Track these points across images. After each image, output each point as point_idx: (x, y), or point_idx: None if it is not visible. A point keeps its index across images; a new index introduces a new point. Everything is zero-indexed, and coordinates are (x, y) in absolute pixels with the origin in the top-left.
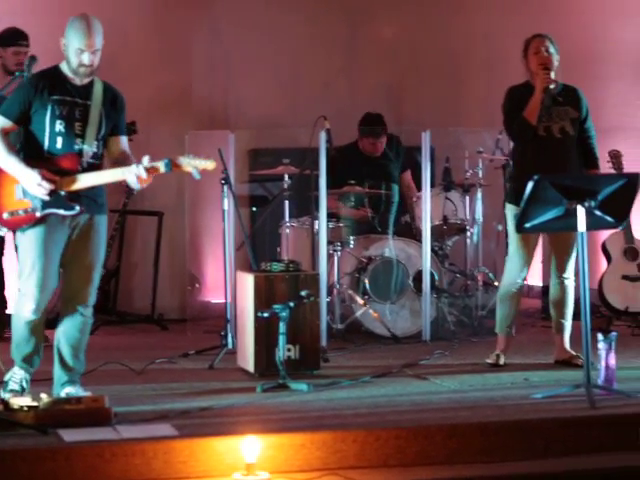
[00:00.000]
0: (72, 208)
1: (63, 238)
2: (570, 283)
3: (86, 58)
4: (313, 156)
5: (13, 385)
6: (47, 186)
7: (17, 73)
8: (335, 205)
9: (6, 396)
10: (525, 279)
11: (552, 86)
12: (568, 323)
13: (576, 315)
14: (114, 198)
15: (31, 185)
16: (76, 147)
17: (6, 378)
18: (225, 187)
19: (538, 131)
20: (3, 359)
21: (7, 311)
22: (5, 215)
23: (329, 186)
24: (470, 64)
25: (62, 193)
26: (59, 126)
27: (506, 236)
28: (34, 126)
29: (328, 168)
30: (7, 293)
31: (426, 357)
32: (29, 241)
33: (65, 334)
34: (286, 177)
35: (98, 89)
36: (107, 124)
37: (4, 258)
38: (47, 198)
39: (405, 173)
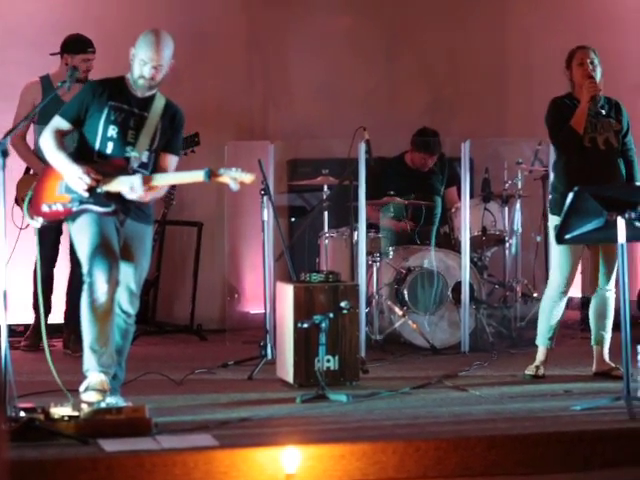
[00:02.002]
0: (108, 205)
1: (116, 231)
2: (611, 295)
3: (147, 71)
4: (352, 167)
5: (95, 396)
6: (87, 180)
7: (59, 83)
8: (375, 216)
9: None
10: (569, 290)
11: (598, 97)
12: (608, 335)
13: (616, 326)
14: (154, 208)
15: (72, 178)
16: (126, 154)
17: (82, 388)
18: (264, 197)
19: (583, 142)
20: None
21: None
22: (44, 207)
23: (369, 197)
24: (509, 75)
25: (99, 190)
26: (112, 131)
27: (546, 247)
28: (87, 129)
29: (367, 179)
30: (54, 299)
31: (465, 368)
32: (81, 226)
33: None
34: (325, 188)
35: (159, 103)
36: (161, 138)
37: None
38: (86, 194)
39: (451, 189)
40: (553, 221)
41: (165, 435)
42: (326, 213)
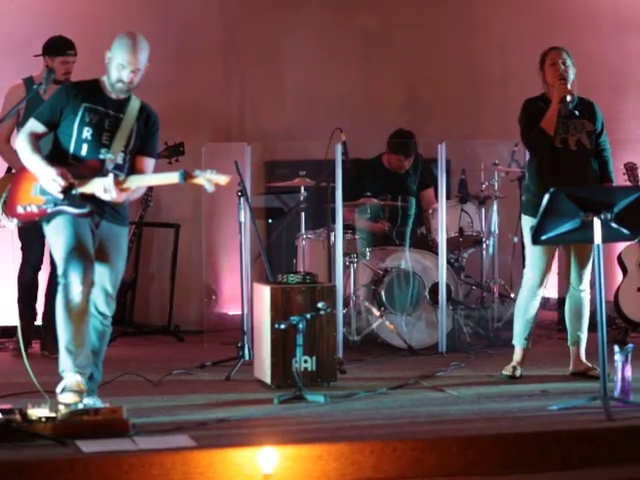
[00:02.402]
0: (83, 207)
1: (91, 233)
2: (586, 295)
3: (125, 75)
4: (329, 168)
5: (71, 397)
6: (61, 182)
7: (35, 86)
8: (351, 217)
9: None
10: (542, 290)
11: (569, 97)
12: (584, 335)
13: (592, 327)
14: (131, 210)
15: (47, 180)
16: (100, 156)
17: (59, 390)
18: (241, 199)
19: (555, 143)
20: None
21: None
22: (19, 208)
23: (346, 198)
24: (486, 76)
25: (74, 192)
26: (86, 133)
27: (522, 248)
28: (62, 130)
29: (344, 180)
30: (38, 305)
31: (442, 369)
32: (56, 227)
33: None
34: (302, 189)
35: (134, 106)
36: (136, 140)
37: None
38: (60, 196)
39: (428, 190)
40: (526, 221)
41: (142, 436)
42: (303, 214)
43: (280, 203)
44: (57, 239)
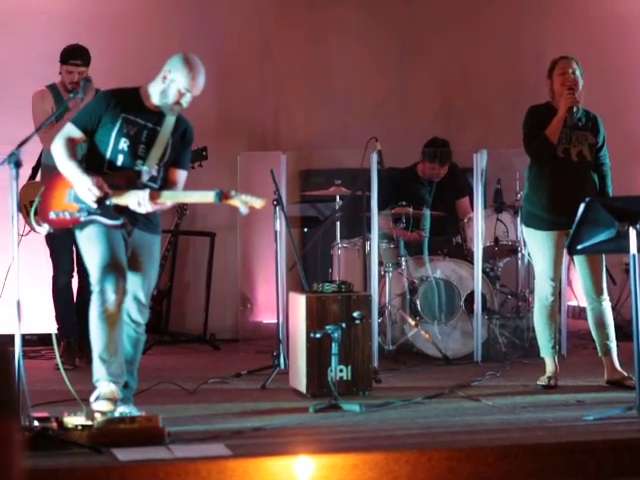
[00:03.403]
0: (117, 219)
1: (124, 243)
2: (607, 304)
3: (186, 101)
4: (365, 177)
5: (106, 405)
6: (96, 192)
7: (71, 95)
8: (387, 226)
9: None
10: (557, 297)
11: (575, 108)
12: (613, 344)
13: (627, 336)
14: (167, 218)
15: (82, 189)
16: (136, 168)
17: (93, 398)
18: (277, 208)
19: (557, 152)
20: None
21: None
22: (51, 214)
23: (381, 207)
24: (522, 85)
25: (108, 203)
26: (123, 144)
27: None
28: (99, 138)
29: (379, 189)
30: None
31: (478, 378)
32: (89, 235)
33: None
34: (338, 198)
35: (171, 119)
36: (171, 153)
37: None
38: (94, 205)
39: (463, 199)
40: (527, 233)
41: (178, 444)
42: (338, 223)
43: (315, 212)
44: (90, 247)
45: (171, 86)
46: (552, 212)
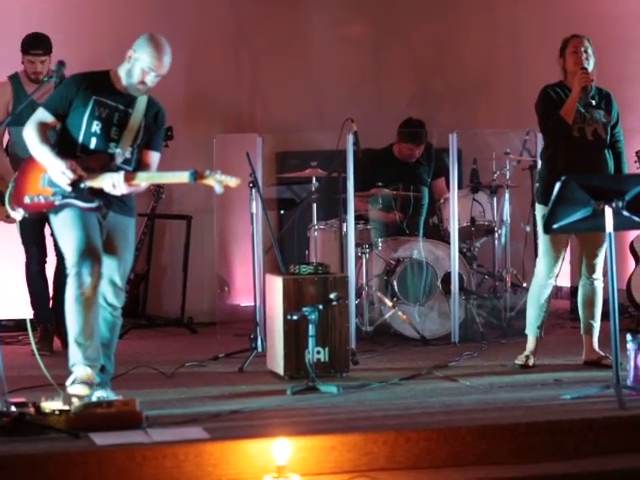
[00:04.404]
0: (91, 201)
1: (99, 226)
2: (599, 284)
3: (150, 79)
4: (341, 159)
5: (82, 389)
6: (70, 175)
7: (45, 79)
8: (363, 207)
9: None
10: (556, 279)
11: (589, 87)
12: (597, 324)
13: (604, 315)
14: (143, 202)
15: (56, 173)
16: (109, 150)
17: (69, 382)
18: (253, 190)
19: (572, 132)
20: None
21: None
22: (26, 199)
23: (357, 188)
24: (496, 65)
25: (83, 186)
26: (95, 127)
27: (535, 237)
28: (71, 122)
29: (355, 171)
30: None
31: (455, 359)
32: (64, 220)
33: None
34: (314, 180)
35: (142, 100)
36: (144, 135)
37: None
38: (68, 189)
39: (439, 180)
40: (539, 210)
41: (156, 428)
42: (315, 205)
43: (292, 194)
44: (65, 231)
45: (135, 65)
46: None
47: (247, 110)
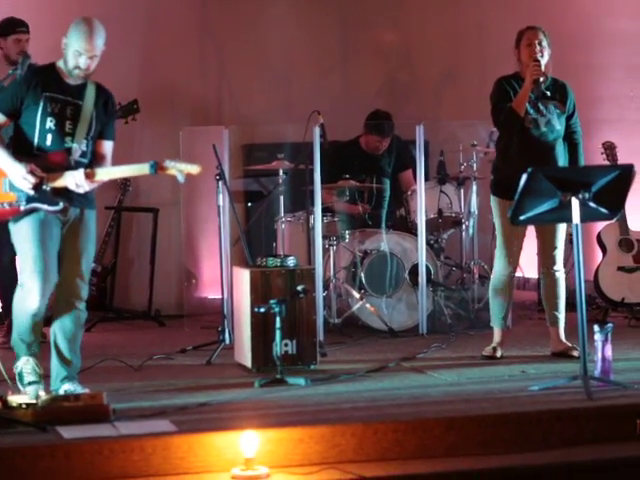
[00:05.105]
0: (56, 203)
1: (58, 232)
2: (561, 275)
3: (83, 62)
4: (307, 151)
5: (29, 377)
6: (32, 179)
7: (10, 72)
8: (330, 200)
9: (29, 389)
10: (515, 270)
11: (542, 79)
12: (562, 315)
13: (572, 306)
14: (110, 195)
15: (17, 178)
16: (65, 145)
17: (17, 371)
18: (220, 183)
19: (525, 123)
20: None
21: None
22: None
23: (324, 180)
24: (463, 57)
25: (47, 188)
26: (49, 123)
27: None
28: (24, 121)
29: (322, 162)
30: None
31: (423, 350)
32: (23, 231)
33: (61, 328)
34: (281, 172)
35: (91, 90)
36: (97, 125)
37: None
38: (32, 192)
39: (406, 172)
40: (494, 202)
41: (123, 421)
42: (282, 197)
43: (259, 186)
44: (23, 246)
45: (68, 50)
46: (520, 182)
47: (213, 102)
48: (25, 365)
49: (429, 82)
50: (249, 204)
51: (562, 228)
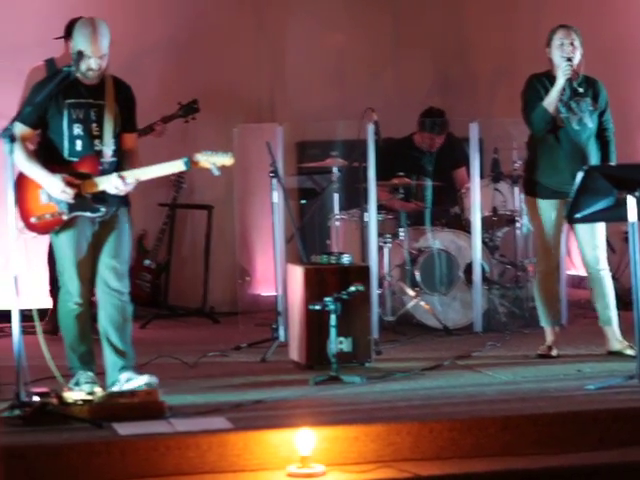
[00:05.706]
0: (98, 210)
1: (90, 231)
2: (606, 274)
3: (93, 64)
4: (361, 148)
5: (85, 380)
6: (70, 192)
7: (64, 68)
8: (384, 197)
9: (85, 387)
10: (558, 267)
11: (575, 75)
12: (613, 313)
13: (628, 305)
14: (164, 192)
15: (55, 192)
16: (95, 148)
17: (73, 383)
18: (274, 180)
19: (556, 122)
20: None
21: None
22: (33, 219)
23: (378, 178)
24: (519, 54)
25: (87, 196)
26: (77, 129)
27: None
28: (52, 130)
29: (376, 160)
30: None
31: (478, 349)
32: (63, 242)
33: (108, 318)
34: (335, 169)
35: (109, 86)
36: (121, 122)
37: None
38: (72, 202)
39: (460, 169)
40: (527, 202)
41: (179, 418)
42: (336, 195)
43: (312, 184)
44: (62, 253)
45: (76, 54)
46: (553, 181)
47: (267, 100)
48: (81, 376)
49: (483, 79)
50: (303, 201)
51: (600, 227)
